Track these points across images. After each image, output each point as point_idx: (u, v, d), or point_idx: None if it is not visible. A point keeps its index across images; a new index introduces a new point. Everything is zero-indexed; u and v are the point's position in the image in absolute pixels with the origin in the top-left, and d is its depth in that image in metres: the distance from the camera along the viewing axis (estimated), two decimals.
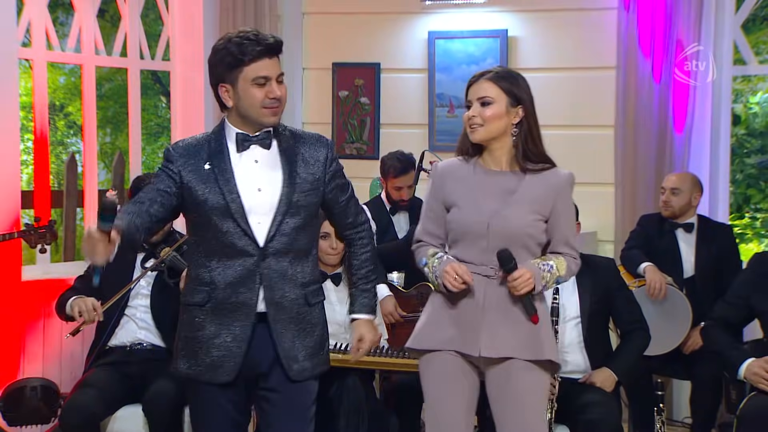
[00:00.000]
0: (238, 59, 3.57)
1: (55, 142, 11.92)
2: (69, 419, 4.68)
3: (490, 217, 3.70)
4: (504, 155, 3.80)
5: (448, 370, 3.78)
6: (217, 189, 3.61)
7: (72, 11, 6.79)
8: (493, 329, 3.71)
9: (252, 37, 3.58)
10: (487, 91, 3.78)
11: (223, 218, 3.60)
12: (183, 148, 3.70)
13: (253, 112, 3.62)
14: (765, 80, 10.45)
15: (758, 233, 10.74)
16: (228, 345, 3.63)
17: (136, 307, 5.04)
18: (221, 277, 3.63)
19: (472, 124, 3.77)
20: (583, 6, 7.01)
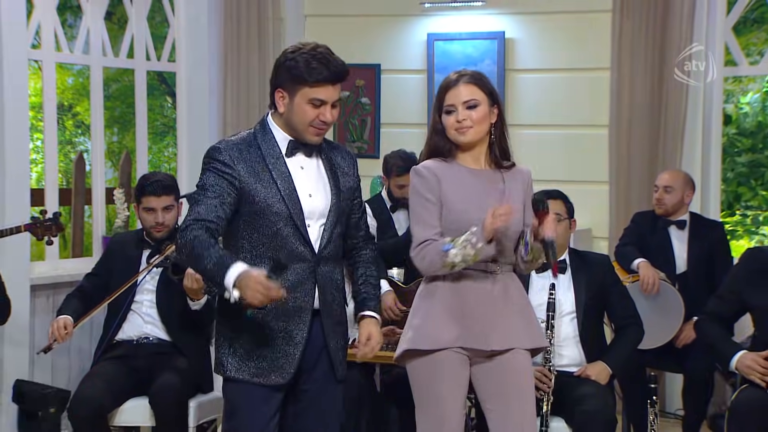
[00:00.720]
0: (303, 77, 3.53)
1: (63, 141, 11.91)
2: (77, 411, 4.69)
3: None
4: (482, 154, 3.83)
5: (452, 368, 3.77)
6: (277, 193, 3.56)
7: (80, 14, 6.79)
8: (502, 323, 3.74)
9: (323, 60, 3.55)
10: (471, 94, 3.76)
11: (284, 223, 3.56)
12: (235, 149, 3.58)
13: (299, 127, 3.59)
14: (755, 81, 10.45)
15: (749, 230, 10.73)
16: (285, 348, 3.59)
17: (142, 302, 5.04)
18: (281, 281, 3.50)
19: (463, 127, 3.74)
20: (578, 8, 7.01)
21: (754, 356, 4.42)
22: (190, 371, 4.86)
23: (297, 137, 3.63)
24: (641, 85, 6.72)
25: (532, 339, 3.82)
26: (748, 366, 4.43)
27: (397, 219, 6.32)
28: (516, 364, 3.77)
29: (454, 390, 3.78)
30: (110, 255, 5.22)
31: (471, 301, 3.74)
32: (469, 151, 3.81)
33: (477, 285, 3.74)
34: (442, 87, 3.82)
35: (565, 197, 4.90)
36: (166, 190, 5.04)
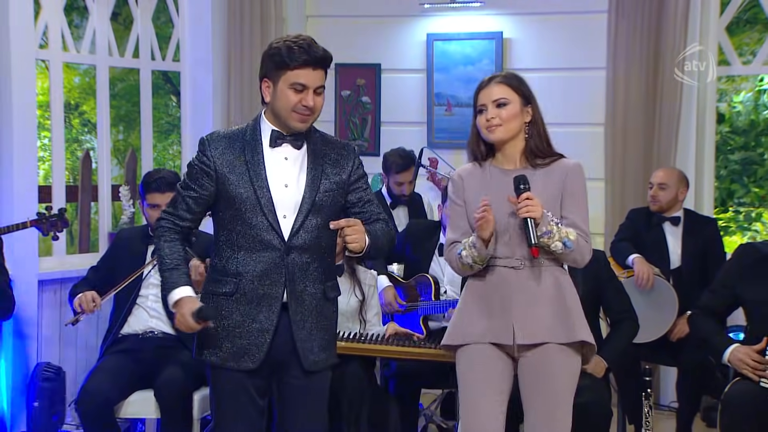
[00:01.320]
0: (284, 62, 3.58)
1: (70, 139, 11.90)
2: (85, 404, 4.68)
3: (511, 213, 3.69)
4: (517, 153, 3.81)
5: (483, 360, 3.76)
6: (248, 182, 3.61)
7: (86, 14, 6.79)
8: (525, 317, 3.71)
9: (304, 45, 3.58)
10: (501, 93, 3.77)
11: (253, 211, 3.60)
12: (218, 139, 3.69)
13: (283, 113, 3.62)
14: (748, 80, 10.45)
15: (741, 226, 10.73)
16: (253, 334, 3.63)
17: (147, 297, 5.04)
18: (248, 269, 3.62)
19: (491, 125, 3.76)
20: (574, 9, 7.02)
21: (747, 350, 4.42)
22: (194, 364, 4.85)
23: (283, 127, 3.66)
24: (636, 85, 6.72)
25: (565, 333, 3.73)
26: (740, 359, 4.43)
27: (396, 215, 6.33)
28: (548, 358, 3.72)
29: (484, 382, 3.76)
30: (116, 250, 5.22)
31: (496, 297, 3.74)
32: (502, 150, 3.81)
33: (502, 280, 3.74)
34: (477, 89, 3.85)
35: None
36: (170, 186, 5.03)
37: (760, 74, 9.54)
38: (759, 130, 10.75)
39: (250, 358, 3.64)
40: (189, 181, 3.69)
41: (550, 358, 3.72)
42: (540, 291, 3.73)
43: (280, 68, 3.59)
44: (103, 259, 5.24)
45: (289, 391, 3.73)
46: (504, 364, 3.78)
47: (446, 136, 7.29)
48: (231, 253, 3.65)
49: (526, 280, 3.73)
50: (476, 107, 3.83)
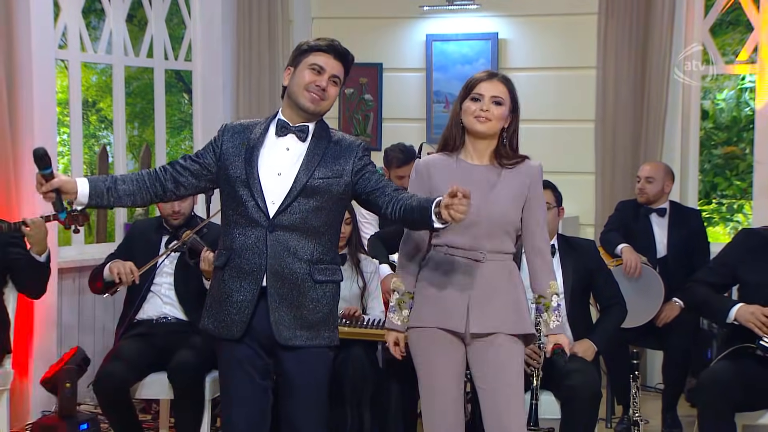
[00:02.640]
0: (308, 48, 3.67)
1: (88, 135, 11.90)
2: (102, 386, 4.69)
3: (479, 207, 3.66)
4: (487, 151, 3.80)
5: (436, 344, 3.76)
6: (242, 165, 3.64)
7: (103, 16, 6.78)
8: (481, 308, 3.70)
9: (329, 40, 3.69)
10: (501, 92, 3.76)
11: (243, 189, 3.62)
12: (235, 126, 3.77)
13: (296, 90, 3.64)
14: (730, 79, 10.44)
15: (724, 217, 10.74)
16: (238, 304, 3.64)
17: (161, 284, 5.04)
18: (237, 243, 3.64)
19: (481, 116, 3.73)
20: (567, 11, 7.01)
21: (756, 307, 4.35)
22: (206, 348, 4.85)
23: (294, 115, 3.67)
24: (625, 83, 6.71)
25: (517, 325, 3.73)
26: (752, 312, 4.34)
27: None
28: (500, 347, 3.71)
29: (441, 365, 3.77)
30: (131, 240, 5.22)
31: (454, 285, 3.73)
32: (475, 145, 3.79)
33: (461, 270, 3.72)
34: (475, 79, 3.81)
35: (554, 187, 4.89)
36: None
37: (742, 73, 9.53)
38: (741, 126, 10.75)
39: (235, 327, 3.64)
40: (198, 151, 3.79)
41: (500, 347, 3.71)
42: (497, 283, 3.73)
43: (303, 53, 3.67)
44: (119, 249, 5.24)
45: (282, 376, 3.71)
46: (456, 348, 3.77)
47: None
48: (228, 229, 3.69)
49: (485, 272, 3.72)
50: (469, 94, 3.78)
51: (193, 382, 4.73)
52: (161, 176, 3.70)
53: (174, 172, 3.71)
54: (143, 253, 5.04)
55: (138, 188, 3.66)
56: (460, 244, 3.73)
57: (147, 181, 3.68)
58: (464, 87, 3.83)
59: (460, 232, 3.70)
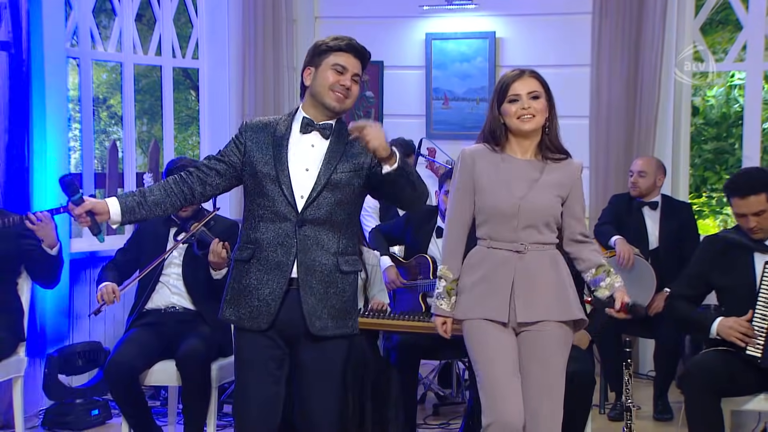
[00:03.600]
0: (328, 47, 3.65)
1: (98, 131, 11.90)
2: (113, 372, 4.69)
3: (521, 200, 3.66)
4: (532, 145, 3.76)
5: (494, 334, 3.71)
6: (271, 161, 3.62)
7: (113, 16, 6.78)
8: (526, 297, 3.67)
9: (347, 39, 3.67)
10: (536, 86, 3.73)
11: (273, 186, 3.61)
12: (255, 123, 3.74)
13: (321, 91, 3.63)
14: (720, 76, 10.43)
15: (714, 210, 10.75)
16: (265, 297, 3.62)
17: (170, 275, 5.04)
18: (265, 237, 3.62)
19: (525, 114, 3.69)
20: (562, 11, 7.00)
21: (735, 319, 4.32)
22: (213, 337, 4.86)
23: (318, 113, 3.67)
24: (618, 81, 6.71)
25: (563, 311, 3.69)
26: (731, 327, 4.30)
27: None
28: (544, 335, 3.67)
29: (493, 354, 3.69)
30: (140, 232, 5.21)
31: (499, 278, 3.70)
32: (519, 141, 3.75)
33: (503, 262, 3.69)
34: (507, 79, 3.75)
35: None
36: None
37: (731, 71, 9.53)
38: (730, 122, 10.75)
39: (262, 318, 3.62)
40: (221, 150, 3.74)
41: (547, 333, 3.67)
42: (540, 272, 3.69)
43: (323, 54, 3.65)
44: (129, 242, 5.23)
45: (302, 365, 3.69)
46: (509, 338, 3.71)
47: (443, 127, 7.28)
48: (253, 223, 3.66)
49: (528, 262, 3.68)
50: (506, 97, 3.72)
51: (201, 369, 4.72)
52: (188, 180, 3.69)
53: (200, 174, 3.70)
54: (152, 245, 5.04)
55: (166, 195, 3.66)
56: (501, 237, 3.71)
57: (174, 187, 3.67)
58: (497, 90, 3.77)
59: (501, 223, 3.70)
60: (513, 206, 3.67)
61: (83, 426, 5.51)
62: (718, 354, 4.34)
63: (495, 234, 3.72)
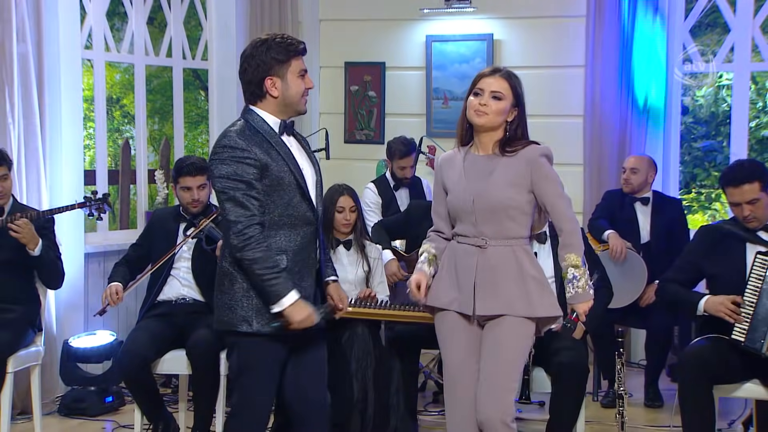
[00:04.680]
0: (288, 55, 3.53)
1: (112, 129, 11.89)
2: (125, 361, 4.69)
3: (474, 196, 3.64)
4: (490, 142, 3.72)
5: (452, 327, 3.73)
6: (286, 166, 3.51)
7: (126, 19, 6.78)
8: (485, 291, 3.65)
9: (289, 39, 3.56)
10: (501, 87, 3.66)
11: (294, 192, 3.52)
12: (242, 136, 3.48)
13: (295, 100, 3.57)
14: (709, 77, 10.41)
15: (703, 206, 10.74)
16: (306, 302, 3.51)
17: (180, 269, 5.03)
18: (291, 244, 3.51)
19: (480, 110, 3.66)
20: (557, 14, 7.00)
21: (724, 297, 4.31)
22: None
23: (286, 116, 3.60)
24: (611, 81, 6.70)
25: (523, 308, 3.62)
26: (720, 302, 4.29)
27: (399, 196, 6.32)
28: (503, 328, 3.63)
29: (457, 345, 3.72)
30: (152, 228, 5.21)
31: (463, 271, 3.69)
32: (480, 138, 3.73)
33: (467, 257, 3.68)
34: (480, 74, 3.74)
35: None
36: (200, 171, 5.02)
37: (720, 71, 9.52)
38: (718, 121, 10.74)
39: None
40: (247, 181, 3.44)
41: (506, 328, 3.63)
42: (501, 268, 3.63)
43: (284, 62, 3.52)
44: (141, 237, 5.23)
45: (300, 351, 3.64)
46: (472, 331, 3.72)
47: (443, 126, 7.27)
48: (272, 231, 3.49)
49: (489, 256, 3.64)
50: (473, 88, 3.72)
51: (210, 358, 4.73)
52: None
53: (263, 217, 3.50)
54: (162, 239, 5.04)
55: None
56: (465, 232, 3.70)
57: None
58: (471, 83, 3.76)
59: (463, 220, 3.70)
60: (467, 201, 3.65)
61: (98, 412, 5.53)
62: (710, 342, 4.33)
63: (460, 230, 3.73)
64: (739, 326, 4.23)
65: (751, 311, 4.23)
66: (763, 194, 4.36)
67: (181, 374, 5.04)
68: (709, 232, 4.63)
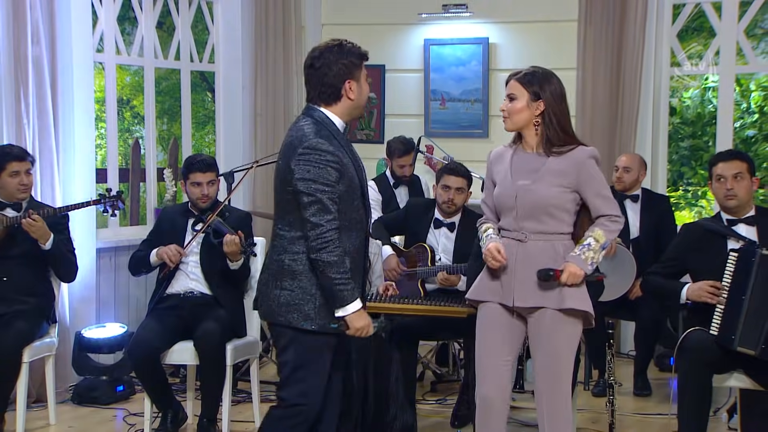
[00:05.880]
0: (361, 59, 3.49)
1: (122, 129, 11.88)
2: (136, 352, 4.70)
3: (518, 191, 3.65)
4: (533, 140, 3.71)
5: (492, 318, 3.73)
6: (353, 170, 3.45)
7: (136, 24, 6.77)
8: (523, 283, 3.65)
9: (357, 45, 3.51)
10: (511, 89, 3.70)
11: (359, 195, 3.47)
12: (327, 140, 3.38)
13: (361, 105, 3.54)
14: (695, 79, 10.42)
15: (689, 203, 10.74)
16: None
17: (188, 263, 5.03)
18: (352, 246, 3.45)
19: (503, 116, 3.73)
20: (550, 18, 6.99)
21: (703, 282, 4.34)
22: (228, 319, 4.86)
23: (350, 118, 3.56)
24: (602, 82, 6.70)
25: (556, 301, 3.61)
26: (700, 287, 4.33)
27: (398, 194, 6.31)
28: (542, 321, 3.64)
29: (493, 336, 3.72)
30: (161, 224, 5.21)
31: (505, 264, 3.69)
32: (524, 136, 3.74)
33: (509, 250, 3.67)
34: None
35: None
36: (209, 167, 5.03)
37: (706, 74, 9.52)
38: (704, 122, 10.74)
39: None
40: (331, 184, 3.35)
41: (546, 321, 3.64)
42: (540, 261, 3.62)
43: (359, 67, 3.48)
44: (151, 233, 5.23)
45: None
46: (512, 322, 3.72)
47: (440, 126, 7.27)
48: (341, 236, 3.39)
49: (528, 250, 3.65)
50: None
51: (217, 349, 4.73)
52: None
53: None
54: (171, 235, 5.04)
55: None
56: (507, 226, 3.71)
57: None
58: None
59: (506, 214, 3.71)
60: (511, 197, 3.66)
61: (109, 400, 5.53)
62: (702, 335, 4.33)
63: (504, 223, 3.74)
64: (715, 321, 4.25)
65: (722, 307, 4.25)
66: (748, 177, 4.43)
67: (188, 364, 5.04)
68: (692, 228, 4.65)
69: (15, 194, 4.94)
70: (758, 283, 4.19)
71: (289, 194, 3.40)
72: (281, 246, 3.46)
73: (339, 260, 3.33)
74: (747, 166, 4.45)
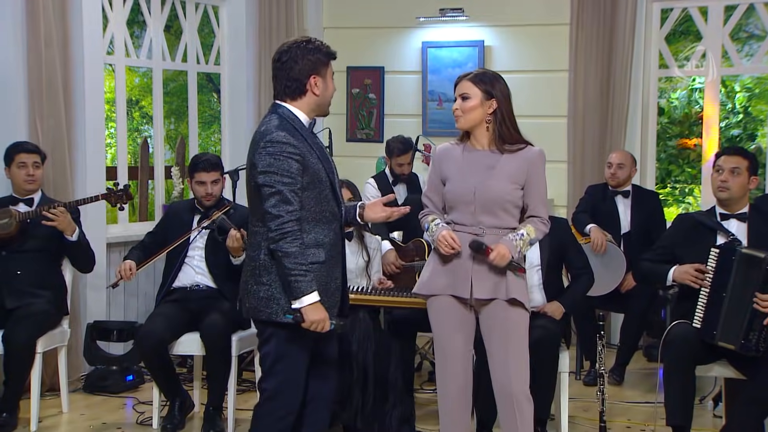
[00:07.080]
0: (328, 57, 3.45)
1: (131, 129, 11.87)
2: (144, 343, 4.69)
3: (476, 187, 3.65)
4: (484, 138, 3.73)
5: (447, 311, 3.73)
6: (320, 163, 3.42)
7: (145, 27, 6.76)
8: (480, 276, 3.66)
9: (325, 44, 3.47)
10: (465, 89, 3.71)
11: (328, 188, 3.43)
12: (289, 132, 3.34)
13: (327, 102, 3.50)
14: (683, 80, 10.42)
15: (677, 199, 10.74)
16: (334, 292, 3.47)
17: (194, 257, 5.02)
18: (326, 239, 3.41)
19: (456, 114, 3.74)
20: (543, 22, 6.99)
21: (688, 266, 4.35)
22: (233, 312, 4.85)
23: (315, 115, 3.51)
24: (593, 84, 6.70)
25: (507, 292, 3.63)
26: (685, 271, 4.34)
27: (397, 191, 6.31)
28: (495, 311, 3.66)
29: (451, 329, 3.73)
30: (168, 219, 5.20)
31: (457, 258, 3.68)
32: (474, 134, 3.75)
33: (463, 244, 3.67)
34: (454, 82, 3.82)
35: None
36: (214, 167, 5.02)
37: (692, 76, 9.53)
38: (691, 121, 10.73)
39: (332, 312, 3.44)
40: (292, 176, 3.30)
41: (498, 311, 3.66)
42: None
43: (325, 64, 3.44)
44: (157, 226, 5.23)
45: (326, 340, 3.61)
46: (465, 315, 3.74)
47: (438, 126, 7.27)
48: (309, 227, 3.37)
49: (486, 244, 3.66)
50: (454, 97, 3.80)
51: (222, 340, 4.72)
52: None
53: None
54: (177, 230, 5.04)
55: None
56: (462, 221, 3.71)
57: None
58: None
59: (461, 210, 3.70)
60: (469, 192, 3.66)
61: (119, 390, 5.53)
62: (688, 326, 4.32)
63: (457, 218, 3.73)
64: (697, 315, 4.26)
65: (705, 300, 4.25)
66: (747, 174, 4.41)
67: (195, 355, 5.03)
68: (684, 220, 4.68)
69: (22, 185, 4.96)
70: (738, 280, 4.19)
71: (255, 189, 3.37)
72: (256, 243, 3.42)
73: (298, 251, 3.27)
74: (747, 164, 4.41)
